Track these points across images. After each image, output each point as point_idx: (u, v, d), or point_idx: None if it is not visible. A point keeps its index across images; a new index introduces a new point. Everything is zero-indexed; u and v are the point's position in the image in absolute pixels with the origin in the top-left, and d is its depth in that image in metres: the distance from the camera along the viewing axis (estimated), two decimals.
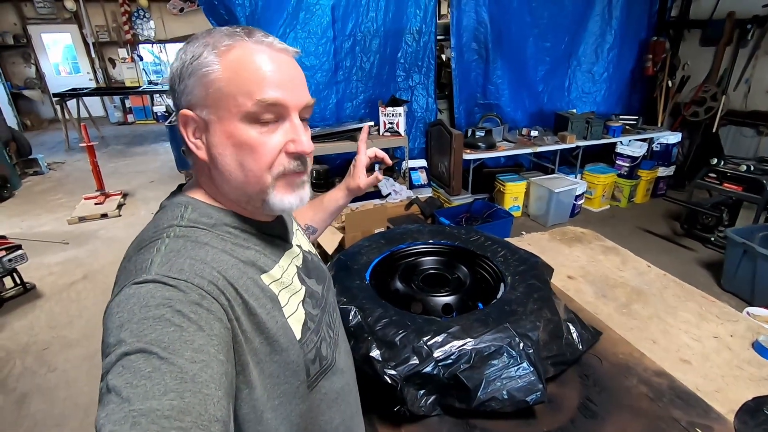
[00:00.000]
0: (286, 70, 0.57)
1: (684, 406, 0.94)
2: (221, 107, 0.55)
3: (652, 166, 4.40)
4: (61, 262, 3.50)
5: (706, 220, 3.58)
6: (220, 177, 0.58)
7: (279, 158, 0.57)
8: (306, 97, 0.59)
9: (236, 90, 0.54)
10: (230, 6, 3.16)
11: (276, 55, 0.56)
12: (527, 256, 1.26)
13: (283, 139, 0.57)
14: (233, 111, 0.54)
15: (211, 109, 0.55)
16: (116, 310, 0.46)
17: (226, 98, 0.54)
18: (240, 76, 0.54)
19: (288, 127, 0.57)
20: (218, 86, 0.54)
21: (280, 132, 0.57)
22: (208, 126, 0.56)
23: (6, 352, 2.50)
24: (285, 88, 0.56)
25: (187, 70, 0.55)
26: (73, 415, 2.06)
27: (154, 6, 8.90)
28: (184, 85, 0.56)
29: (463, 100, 4.22)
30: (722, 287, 2.94)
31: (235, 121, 0.55)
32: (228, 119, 0.55)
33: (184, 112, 0.56)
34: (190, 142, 0.58)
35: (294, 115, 0.58)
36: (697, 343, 1.25)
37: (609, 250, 1.82)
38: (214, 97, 0.54)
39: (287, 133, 0.57)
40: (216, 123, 0.55)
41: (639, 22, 4.62)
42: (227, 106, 0.54)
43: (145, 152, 6.93)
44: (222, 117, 0.55)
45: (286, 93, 0.56)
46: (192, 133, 0.58)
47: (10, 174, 5.12)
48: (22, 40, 8.46)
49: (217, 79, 0.54)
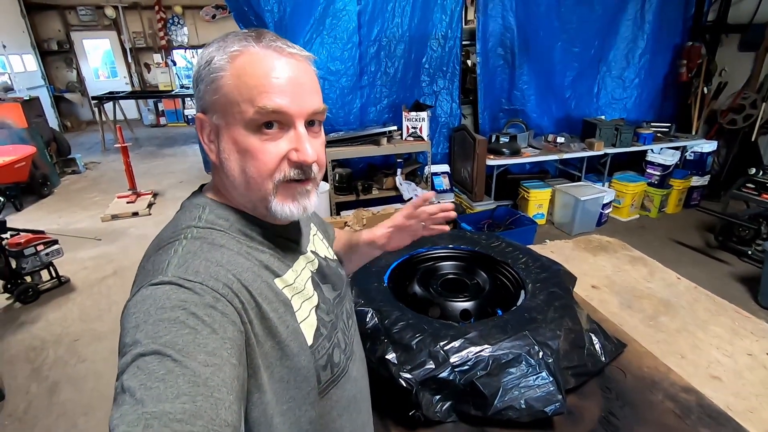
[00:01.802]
0: (293, 77, 0.55)
1: (713, 424, 0.90)
2: (227, 113, 0.55)
3: (686, 175, 4.23)
4: (93, 257, 3.65)
5: (743, 233, 3.41)
6: (227, 181, 0.59)
7: (281, 166, 0.57)
8: (314, 104, 0.58)
9: (239, 96, 0.54)
10: (260, 12, 3.24)
11: (283, 60, 0.56)
12: (549, 263, 1.24)
13: (286, 147, 0.56)
14: (237, 117, 0.54)
15: (220, 114, 0.56)
16: (133, 310, 0.47)
17: (231, 104, 0.54)
18: (244, 83, 0.54)
19: (292, 136, 0.56)
20: (225, 92, 0.54)
21: (284, 140, 0.56)
22: (219, 130, 0.57)
23: (41, 341, 2.62)
24: (289, 96, 0.55)
25: (201, 74, 0.57)
26: (100, 405, 2.13)
27: (188, 13, 9.25)
28: (200, 89, 0.57)
29: (487, 106, 4.18)
30: (759, 303, 2.79)
31: (239, 128, 0.55)
32: (233, 125, 0.55)
33: (199, 116, 0.58)
34: (205, 145, 0.59)
35: (299, 123, 0.56)
36: (728, 359, 1.19)
37: (636, 260, 1.76)
38: (222, 103, 0.55)
39: (291, 141, 0.56)
40: (224, 128, 0.56)
41: (673, 27, 4.46)
42: (232, 112, 0.55)
43: (175, 154, 7.16)
44: (228, 123, 0.56)
45: (289, 100, 0.55)
46: (207, 136, 0.59)
47: (50, 172, 5.39)
48: (65, 46, 8.92)
49: (225, 85, 0.54)
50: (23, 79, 7.64)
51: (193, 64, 6.82)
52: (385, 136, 3.58)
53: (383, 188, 3.78)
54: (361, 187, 3.70)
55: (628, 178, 4.21)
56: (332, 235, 0.92)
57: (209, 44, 0.58)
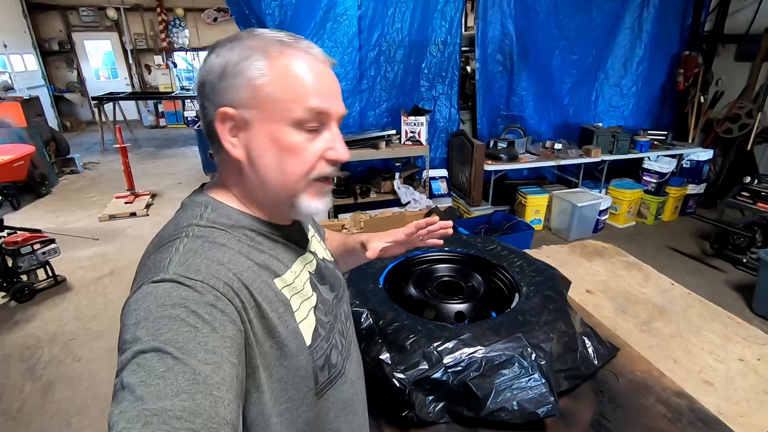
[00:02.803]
0: (330, 81, 0.59)
1: (705, 429, 0.91)
2: (268, 110, 0.56)
3: (682, 183, 4.26)
4: (90, 257, 3.64)
5: (738, 241, 3.43)
6: (254, 177, 0.59)
7: (318, 164, 0.60)
8: (343, 107, 0.62)
9: (285, 96, 0.55)
10: (261, 16, 3.26)
11: (320, 66, 0.59)
12: (544, 267, 1.25)
13: (322, 146, 0.59)
14: (282, 115, 0.56)
15: (257, 111, 0.56)
16: (134, 307, 0.47)
17: (273, 102, 0.55)
18: (290, 83, 0.56)
19: (328, 135, 0.60)
20: (268, 90, 0.55)
21: (321, 139, 0.59)
22: (249, 126, 0.57)
23: (36, 340, 2.61)
24: (329, 98, 0.58)
25: (233, 69, 0.55)
26: (95, 405, 2.13)
27: (189, 15, 9.28)
28: (228, 84, 0.55)
29: (486, 111, 4.20)
30: (754, 311, 2.81)
31: (282, 125, 0.56)
32: (274, 122, 0.56)
33: (224, 110, 0.55)
34: (227, 141, 0.57)
35: (334, 124, 0.60)
36: (721, 364, 1.20)
37: (631, 265, 1.77)
38: (262, 100, 0.55)
39: (326, 140, 0.60)
40: (259, 124, 0.56)
41: (671, 36, 4.51)
42: (275, 110, 0.56)
43: (174, 155, 7.17)
44: (268, 119, 0.56)
45: (330, 102, 0.58)
46: (229, 130, 0.57)
47: (49, 172, 5.39)
48: (66, 46, 8.94)
49: (267, 84, 0.55)
50: (23, 78, 7.65)
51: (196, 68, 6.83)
52: (384, 140, 3.60)
53: (381, 192, 3.79)
54: (359, 190, 3.71)
55: (624, 185, 4.24)
56: (324, 235, 0.93)
57: (235, 42, 0.57)
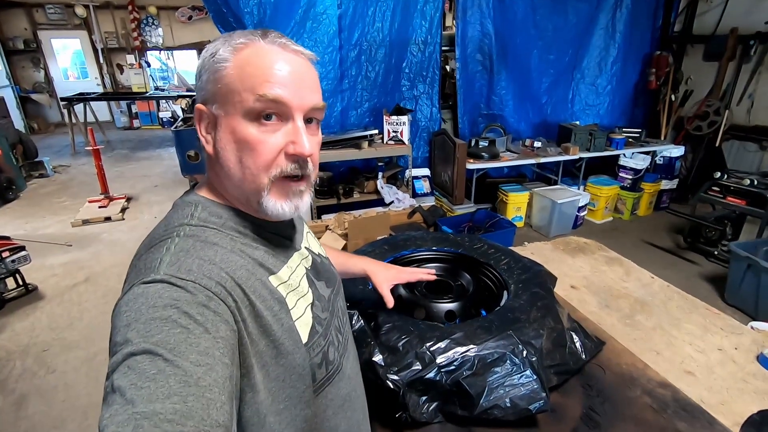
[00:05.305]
0: (294, 70, 0.56)
1: (688, 417, 0.94)
2: (227, 102, 0.56)
3: (656, 179, 4.40)
4: (64, 263, 3.51)
5: (710, 234, 3.57)
6: (222, 173, 0.59)
7: (278, 159, 0.57)
8: (313, 99, 0.58)
9: (241, 86, 0.54)
10: (239, 14, 3.20)
11: (287, 56, 0.57)
12: (531, 264, 1.26)
13: (283, 140, 0.57)
14: (237, 106, 0.55)
15: (220, 104, 0.56)
16: (125, 308, 0.46)
17: (231, 93, 0.55)
18: (246, 73, 0.55)
19: (290, 129, 0.57)
20: (227, 82, 0.55)
21: (281, 132, 0.57)
22: (217, 121, 0.57)
23: (6, 352, 2.49)
24: (289, 88, 0.55)
25: (204, 65, 0.58)
26: (71, 418, 2.04)
27: (163, 14, 9.03)
28: (202, 80, 0.58)
29: (467, 111, 4.24)
30: (726, 301, 2.92)
31: (238, 117, 0.55)
32: (232, 114, 0.56)
33: (199, 107, 0.58)
34: (202, 137, 0.59)
35: (297, 116, 0.57)
36: (701, 355, 1.24)
37: (612, 260, 1.81)
38: (223, 92, 0.56)
39: (288, 134, 0.57)
40: (223, 118, 0.57)
41: (642, 37, 4.65)
42: (232, 101, 0.55)
43: (149, 157, 6.97)
44: (228, 112, 0.56)
45: (289, 92, 0.55)
46: (204, 128, 0.59)
47: (16, 176, 5.16)
48: (32, 45, 8.57)
49: (227, 75, 0.55)
50: None
51: (170, 67, 6.66)
52: (366, 140, 3.59)
53: (364, 192, 3.77)
54: (342, 190, 3.69)
55: (602, 181, 4.35)
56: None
57: (215, 40, 0.59)
